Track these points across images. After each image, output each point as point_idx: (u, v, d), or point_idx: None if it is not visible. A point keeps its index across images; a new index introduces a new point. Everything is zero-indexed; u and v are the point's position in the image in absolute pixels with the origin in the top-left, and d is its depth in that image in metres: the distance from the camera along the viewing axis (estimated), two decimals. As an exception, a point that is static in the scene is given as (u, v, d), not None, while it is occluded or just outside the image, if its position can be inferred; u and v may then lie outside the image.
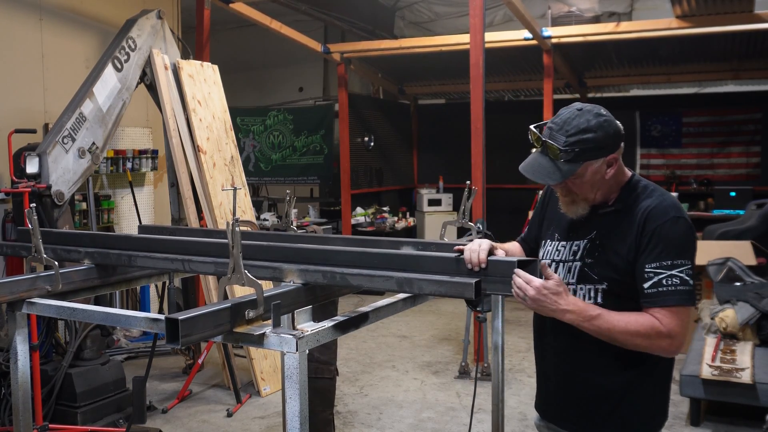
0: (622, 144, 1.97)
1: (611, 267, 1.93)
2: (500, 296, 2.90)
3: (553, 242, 2.11)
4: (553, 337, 2.09)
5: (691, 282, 1.85)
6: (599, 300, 1.95)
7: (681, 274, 1.84)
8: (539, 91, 9.80)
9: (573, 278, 2.01)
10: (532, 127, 1.99)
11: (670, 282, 1.83)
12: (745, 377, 4.26)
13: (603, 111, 1.94)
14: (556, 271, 2.02)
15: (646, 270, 1.86)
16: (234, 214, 1.98)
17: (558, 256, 2.07)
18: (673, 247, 1.85)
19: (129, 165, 6.14)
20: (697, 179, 9.47)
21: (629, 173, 2.02)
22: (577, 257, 2.01)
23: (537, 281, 1.83)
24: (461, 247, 2.00)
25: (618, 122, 1.96)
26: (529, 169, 1.98)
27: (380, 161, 10.17)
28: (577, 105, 1.97)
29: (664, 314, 1.83)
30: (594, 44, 8.03)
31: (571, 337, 2.00)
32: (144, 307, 6.51)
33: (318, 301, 2.11)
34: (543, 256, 2.13)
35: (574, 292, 1.99)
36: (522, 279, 1.84)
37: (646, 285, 1.86)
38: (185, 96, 5.21)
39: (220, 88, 5.59)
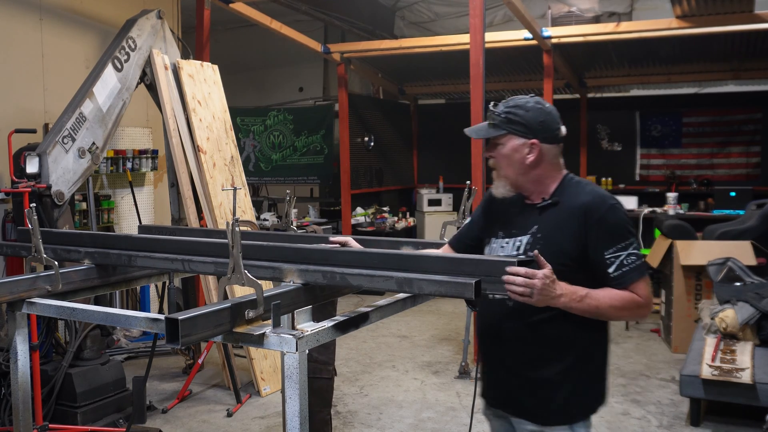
0: (556, 144, 2.16)
1: (553, 258, 1.99)
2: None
3: (498, 240, 2.23)
4: (498, 332, 2.21)
5: (642, 254, 2.10)
6: None
7: (635, 251, 2.06)
8: (539, 91, 9.75)
9: None
10: (493, 102, 2.24)
11: (630, 261, 2.04)
12: (745, 377, 4.26)
13: (548, 106, 2.17)
14: None
15: (606, 256, 2.05)
16: (234, 214, 1.98)
17: (502, 252, 2.19)
18: (620, 230, 2.06)
19: (129, 165, 6.14)
20: (697, 179, 9.46)
21: (564, 171, 2.22)
22: (521, 252, 2.14)
23: (540, 272, 1.90)
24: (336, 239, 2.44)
25: (558, 123, 2.16)
26: (471, 128, 2.28)
27: (380, 161, 10.17)
28: (538, 98, 2.20)
29: (635, 288, 2.05)
30: (594, 44, 8.02)
31: (513, 333, 2.16)
32: (144, 307, 6.51)
33: (318, 301, 2.12)
34: (488, 254, 2.24)
35: None
36: (524, 275, 1.88)
37: (611, 270, 2.04)
38: (185, 96, 5.21)
39: (220, 88, 5.59)
